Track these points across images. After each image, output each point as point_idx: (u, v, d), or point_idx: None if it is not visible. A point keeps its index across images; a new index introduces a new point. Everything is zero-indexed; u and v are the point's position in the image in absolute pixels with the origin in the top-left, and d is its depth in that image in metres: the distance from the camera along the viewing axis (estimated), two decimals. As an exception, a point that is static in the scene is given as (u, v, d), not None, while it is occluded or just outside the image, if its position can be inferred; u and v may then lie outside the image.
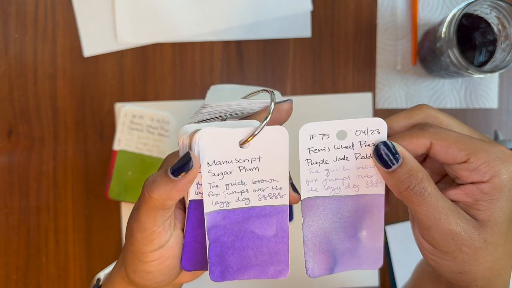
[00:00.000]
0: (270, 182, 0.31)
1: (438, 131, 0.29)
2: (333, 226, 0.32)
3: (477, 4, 0.48)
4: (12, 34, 0.61)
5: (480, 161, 0.28)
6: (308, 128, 0.30)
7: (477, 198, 0.28)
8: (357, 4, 0.61)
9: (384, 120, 0.30)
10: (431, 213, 0.28)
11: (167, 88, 0.61)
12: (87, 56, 0.61)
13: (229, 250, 0.31)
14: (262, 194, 0.31)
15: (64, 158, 0.61)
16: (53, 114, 0.61)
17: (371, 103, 0.61)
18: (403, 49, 0.60)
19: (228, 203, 0.31)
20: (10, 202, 0.61)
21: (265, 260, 0.32)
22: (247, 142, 0.29)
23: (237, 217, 0.31)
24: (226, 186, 0.30)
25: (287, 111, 0.32)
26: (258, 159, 0.30)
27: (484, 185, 0.28)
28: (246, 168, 0.30)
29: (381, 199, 0.32)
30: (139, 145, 0.60)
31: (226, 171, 0.30)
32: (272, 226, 0.31)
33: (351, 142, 0.30)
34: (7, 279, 0.62)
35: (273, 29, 0.61)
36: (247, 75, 0.61)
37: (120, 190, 0.59)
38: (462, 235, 0.28)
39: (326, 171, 0.31)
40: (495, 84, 0.60)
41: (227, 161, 0.30)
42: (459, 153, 0.28)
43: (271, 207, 0.31)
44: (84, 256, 0.62)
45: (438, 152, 0.29)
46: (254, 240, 0.32)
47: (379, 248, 0.33)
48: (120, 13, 0.60)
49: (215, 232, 0.31)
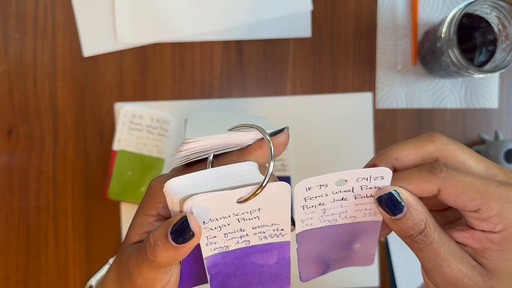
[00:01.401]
0: (271, 226, 0.29)
1: (448, 177, 0.27)
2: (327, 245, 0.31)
3: (478, 4, 0.48)
4: (12, 34, 0.61)
5: (492, 212, 0.27)
6: (304, 183, 0.27)
7: (486, 246, 0.27)
8: (357, 4, 0.61)
9: (390, 170, 0.28)
10: (432, 259, 0.27)
11: (167, 88, 0.61)
12: (87, 56, 0.61)
13: (230, 278, 0.31)
14: (263, 236, 0.29)
15: (64, 158, 0.61)
16: (53, 114, 0.61)
17: (371, 103, 0.61)
18: (403, 49, 0.60)
19: (227, 247, 0.29)
20: (10, 202, 0.61)
21: (266, 280, 0.31)
22: (246, 201, 0.27)
23: (238, 255, 0.30)
24: (225, 235, 0.29)
25: (285, 143, 0.29)
26: (258, 210, 0.28)
27: (494, 236, 0.27)
28: (245, 219, 0.28)
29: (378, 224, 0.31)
30: (139, 145, 0.60)
31: (224, 224, 0.28)
32: (273, 257, 0.30)
33: (351, 187, 0.28)
34: (7, 279, 0.62)
35: (273, 29, 0.61)
36: (247, 75, 0.61)
37: (120, 190, 0.59)
38: (465, 281, 0.27)
39: (323, 210, 0.29)
40: (495, 84, 0.60)
41: (225, 217, 0.28)
42: (469, 203, 0.27)
43: (273, 244, 0.30)
44: (84, 256, 0.62)
45: (446, 199, 0.28)
46: (256, 268, 0.31)
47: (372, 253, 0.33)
48: (120, 13, 0.60)
49: (216, 268, 0.30)
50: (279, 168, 0.59)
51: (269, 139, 0.28)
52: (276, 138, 0.28)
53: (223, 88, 0.61)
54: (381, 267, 0.61)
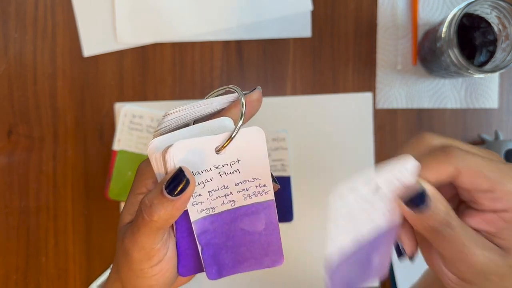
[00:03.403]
0: (253, 181, 0.30)
1: (464, 156, 0.27)
2: None
3: (478, 4, 0.48)
4: (12, 34, 0.61)
5: (505, 189, 0.27)
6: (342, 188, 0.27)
7: (500, 227, 0.27)
8: (357, 4, 0.61)
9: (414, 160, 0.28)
10: (456, 249, 0.27)
11: (167, 88, 0.61)
12: (87, 56, 0.61)
13: (222, 250, 0.31)
14: (246, 194, 0.30)
15: (64, 158, 0.61)
16: (53, 114, 0.61)
17: (371, 103, 0.61)
18: (403, 49, 0.60)
19: (213, 208, 0.30)
20: (10, 202, 0.61)
21: (259, 253, 0.32)
22: (223, 148, 0.28)
23: (225, 219, 0.31)
24: (209, 193, 0.30)
25: (258, 99, 0.30)
26: (237, 162, 0.29)
27: (507, 214, 0.27)
28: (227, 173, 0.29)
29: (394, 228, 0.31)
30: (139, 145, 0.60)
31: (206, 179, 0.29)
32: (261, 221, 0.31)
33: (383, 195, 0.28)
34: (7, 280, 0.62)
35: (273, 29, 0.61)
36: (247, 75, 0.61)
37: (120, 190, 0.59)
38: (489, 265, 0.27)
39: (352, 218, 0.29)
40: (495, 84, 0.60)
41: (206, 170, 0.29)
42: (484, 181, 0.27)
43: (258, 204, 0.31)
44: (84, 256, 0.62)
45: (464, 180, 0.28)
46: (245, 237, 0.31)
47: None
48: (120, 13, 0.60)
49: (205, 236, 0.30)
50: (279, 168, 0.59)
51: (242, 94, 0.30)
52: (249, 95, 0.30)
53: (223, 88, 0.61)
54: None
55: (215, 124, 0.29)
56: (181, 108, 0.29)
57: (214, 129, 0.29)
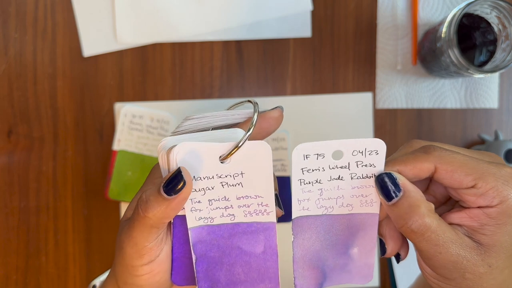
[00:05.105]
0: (255, 199, 0.29)
1: (443, 154, 0.28)
2: (324, 243, 0.31)
3: (478, 4, 0.48)
4: (12, 34, 0.61)
5: (488, 186, 0.27)
6: (302, 148, 0.28)
7: (483, 222, 0.28)
8: (357, 4, 0.61)
9: (383, 142, 0.28)
10: (431, 248, 0.28)
11: (167, 88, 0.61)
12: (86, 56, 0.61)
13: (216, 265, 0.30)
14: (247, 211, 0.30)
15: (64, 158, 0.61)
16: (52, 114, 0.61)
17: (371, 103, 0.61)
18: (403, 49, 0.60)
19: (212, 219, 0.30)
20: (10, 202, 0.61)
21: (254, 277, 0.31)
22: (228, 157, 0.28)
23: (223, 233, 0.30)
24: (209, 201, 0.29)
25: (277, 118, 0.30)
26: (241, 175, 0.29)
27: (491, 210, 0.27)
28: (229, 184, 0.29)
29: (375, 218, 0.31)
30: (139, 145, 0.60)
31: (207, 187, 0.29)
32: (260, 243, 0.30)
33: (347, 162, 0.29)
34: (7, 279, 0.62)
35: (273, 29, 0.61)
36: (247, 75, 0.61)
37: (120, 190, 0.59)
38: (464, 263, 0.27)
39: (320, 190, 0.29)
40: (495, 84, 0.60)
41: (208, 177, 0.28)
42: (465, 178, 0.27)
43: (258, 224, 0.30)
44: (84, 256, 0.62)
45: (443, 177, 0.28)
46: (242, 257, 0.31)
47: (371, 264, 0.32)
48: (119, 13, 0.60)
49: (201, 247, 0.30)
50: (279, 168, 0.59)
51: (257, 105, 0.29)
52: (269, 111, 0.30)
53: (223, 88, 0.61)
54: (381, 267, 0.61)
55: (227, 133, 0.29)
56: (202, 115, 0.29)
57: (225, 137, 0.29)
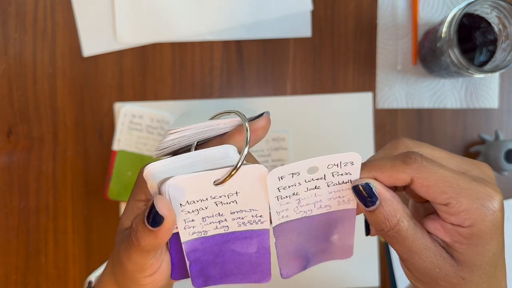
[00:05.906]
0: (250, 212, 0.28)
1: (422, 166, 0.27)
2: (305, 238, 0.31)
3: (478, 4, 0.48)
4: (11, 34, 0.61)
5: (461, 207, 0.26)
6: (276, 172, 0.27)
7: (455, 239, 0.27)
8: (357, 3, 0.61)
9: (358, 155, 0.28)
10: (405, 253, 0.28)
11: (166, 88, 0.61)
12: (86, 56, 0.61)
13: (209, 266, 0.30)
14: (241, 222, 0.29)
15: (64, 158, 0.61)
16: (52, 114, 0.61)
17: (371, 103, 0.61)
18: (404, 48, 0.60)
19: (206, 232, 0.29)
20: (10, 202, 0.61)
21: (247, 270, 0.31)
22: (223, 182, 0.27)
23: (217, 241, 0.30)
24: (203, 219, 0.28)
25: (264, 127, 0.29)
26: (235, 194, 0.28)
27: (463, 230, 0.27)
28: (223, 203, 0.28)
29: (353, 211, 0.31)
30: (138, 145, 0.59)
31: (201, 207, 0.28)
32: (253, 245, 0.30)
33: (323, 175, 0.28)
34: (7, 280, 0.62)
35: (273, 29, 0.61)
36: (247, 75, 0.61)
37: (120, 190, 0.59)
38: (437, 271, 0.27)
39: (297, 200, 0.29)
40: (495, 84, 0.60)
41: (202, 199, 0.27)
42: (440, 196, 0.27)
43: (252, 231, 0.29)
44: (83, 256, 0.62)
45: (418, 190, 0.27)
46: (236, 257, 0.30)
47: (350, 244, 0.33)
48: (119, 13, 0.60)
49: (194, 254, 0.30)
50: (279, 168, 0.59)
51: (246, 121, 0.28)
52: (256, 122, 0.28)
53: (223, 88, 0.61)
54: (381, 267, 0.61)
55: (219, 152, 0.28)
56: (184, 128, 0.28)
57: (217, 157, 0.28)
